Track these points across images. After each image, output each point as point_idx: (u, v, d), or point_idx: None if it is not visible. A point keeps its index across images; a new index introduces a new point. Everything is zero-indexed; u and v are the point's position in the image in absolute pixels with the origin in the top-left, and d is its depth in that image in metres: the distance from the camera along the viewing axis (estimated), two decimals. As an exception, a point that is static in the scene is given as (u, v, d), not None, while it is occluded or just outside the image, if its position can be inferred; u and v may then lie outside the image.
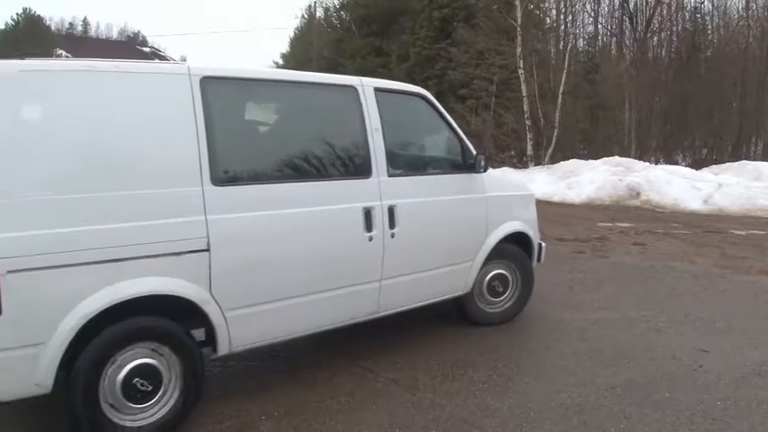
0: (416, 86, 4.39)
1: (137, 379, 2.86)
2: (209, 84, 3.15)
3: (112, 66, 2.96)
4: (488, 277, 4.61)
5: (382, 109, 3.82)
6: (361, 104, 3.76)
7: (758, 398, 3.44)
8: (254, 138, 3.61)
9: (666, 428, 3.11)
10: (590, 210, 12.00)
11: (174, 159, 3.00)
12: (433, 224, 4.08)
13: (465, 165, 4.32)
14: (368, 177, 3.71)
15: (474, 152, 4.34)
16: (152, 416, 2.94)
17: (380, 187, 3.75)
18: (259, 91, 3.58)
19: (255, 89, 3.55)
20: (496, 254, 4.53)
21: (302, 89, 3.71)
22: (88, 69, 2.87)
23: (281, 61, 42.73)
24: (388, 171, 3.79)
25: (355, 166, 3.73)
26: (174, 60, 38.76)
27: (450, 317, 4.68)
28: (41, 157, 2.65)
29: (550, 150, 18.45)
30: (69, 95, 2.77)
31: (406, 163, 4.10)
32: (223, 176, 3.12)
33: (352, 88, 3.78)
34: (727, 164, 15.41)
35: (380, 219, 3.71)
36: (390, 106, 3.91)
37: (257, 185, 3.29)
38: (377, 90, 3.86)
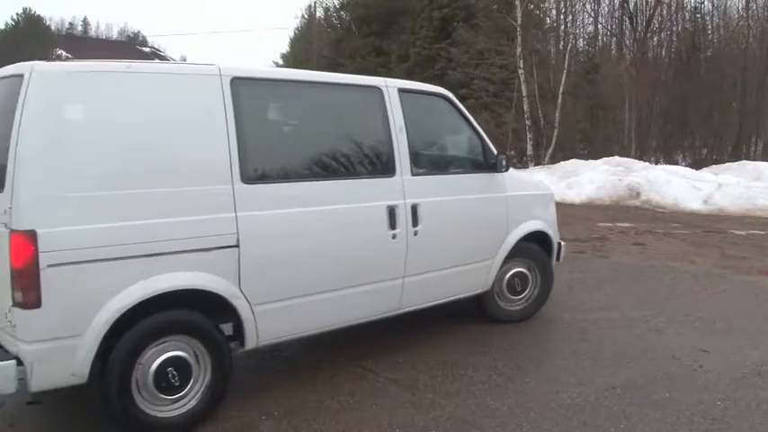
0: (439, 87, 4.44)
1: (170, 368, 2.95)
2: (239, 84, 3.22)
3: (149, 67, 3.05)
4: (508, 275, 4.65)
5: (406, 109, 3.88)
6: (385, 105, 3.81)
7: (758, 398, 3.44)
8: (281, 137, 3.68)
9: (666, 428, 3.10)
10: (590, 210, 12.00)
11: (206, 158, 3.07)
12: (455, 223, 4.13)
13: (486, 164, 4.37)
14: (392, 176, 3.77)
15: (495, 152, 4.39)
16: (182, 407, 3.03)
17: (404, 186, 3.80)
18: (287, 91, 3.63)
19: (283, 89, 3.62)
20: (516, 252, 4.58)
21: (328, 89, 3.78)
22: (127, 71, 2.94)
23: (280, 61, 42.61)
24: (411, 170, 3.85)
25: (380, 165, 3.79)
26: (174, 60, 38.74)
27: (454, 316, 4.68)
28: (82, 156, 2.72)
29: (550, 150, 18.49)
30: (110, 96, 2.84)
31: (428, 162, 4.16)
32: (252, 174, 3.20)
33: (377, 89, 3.84)
34: (727, 164, 15.43)
35: (404, 217, 3.77)
36: (414, 106, 3.96)
37: (285, 183, 3.37)
38: (401, 91, 3.92)
